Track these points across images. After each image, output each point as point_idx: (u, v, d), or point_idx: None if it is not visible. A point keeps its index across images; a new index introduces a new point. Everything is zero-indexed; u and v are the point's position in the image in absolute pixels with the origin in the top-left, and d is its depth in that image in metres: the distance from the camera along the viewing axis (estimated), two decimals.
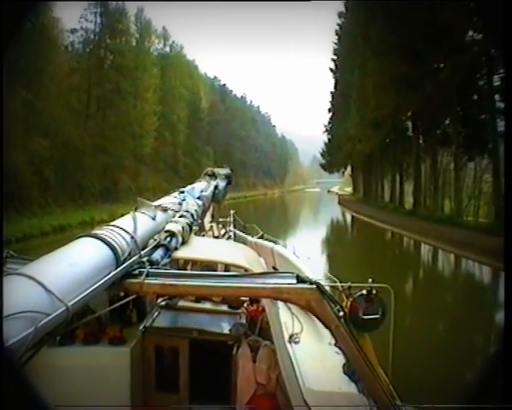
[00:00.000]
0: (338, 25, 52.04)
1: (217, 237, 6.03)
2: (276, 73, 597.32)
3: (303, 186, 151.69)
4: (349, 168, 69.58)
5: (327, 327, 1.89)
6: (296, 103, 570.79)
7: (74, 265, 1.59)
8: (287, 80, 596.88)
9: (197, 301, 4.23)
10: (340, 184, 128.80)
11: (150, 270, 1.96)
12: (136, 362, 3.58)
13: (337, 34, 52.77)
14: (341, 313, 1.82)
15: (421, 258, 23.74)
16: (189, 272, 3.00)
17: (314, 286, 1.82)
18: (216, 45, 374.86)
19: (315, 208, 67.66)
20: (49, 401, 1.53)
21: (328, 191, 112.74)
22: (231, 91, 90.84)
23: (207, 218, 5.64)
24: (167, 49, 61.02)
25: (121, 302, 2.36)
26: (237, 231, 6.64)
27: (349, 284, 1.89)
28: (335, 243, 27.77)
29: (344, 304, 1.86)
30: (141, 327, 3.81)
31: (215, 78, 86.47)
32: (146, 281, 1.88)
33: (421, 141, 34.88)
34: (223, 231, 6.75)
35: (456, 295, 15.15)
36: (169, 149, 58.53)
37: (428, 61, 22.74)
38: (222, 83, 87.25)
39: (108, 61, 43.15)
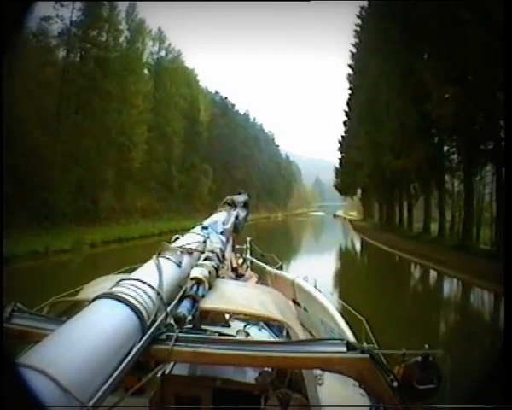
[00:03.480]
0: (357, 25, 46.41)
1: (235, 269, 5.92)
2: (278, 93, 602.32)
3: (306, 210, 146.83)
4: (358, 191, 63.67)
5: (379, 399, 1.76)
6: (298, 125, 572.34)
7: (93, 344, 1.37)
8: (288, 102, 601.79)
9: None
10: (344, 207, 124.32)
11: (180, 334, 1.77)
12: None
13: (357, 34, 46.77)
14: (395, 384, 1.68)
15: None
16: (224, 338, 2.60)
17: (367, 355, 1.65)
18: (216, 55, 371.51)
19: (325, 235, 60.49)
20: None
21: (334, 216, 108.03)
22: (233, 106, 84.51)
23: (228, 250, 4.90)
24: (162, 53, 54.58)
25: (148, 376, 1.84)
26: (254, 260, 6.66)
27: (403, 350, 1.75)
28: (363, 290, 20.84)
29: (396, 371, 1.71)
30: (159, 374, 3.12)
31: (216, 92, 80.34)
32: (175, 348, 1.69)
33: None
34: (240, 261, 6.65)
35: None
36: (162, 164, 51.65)
37: None
38: (223, 96, 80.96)
39: (88, 55, 36.41)
